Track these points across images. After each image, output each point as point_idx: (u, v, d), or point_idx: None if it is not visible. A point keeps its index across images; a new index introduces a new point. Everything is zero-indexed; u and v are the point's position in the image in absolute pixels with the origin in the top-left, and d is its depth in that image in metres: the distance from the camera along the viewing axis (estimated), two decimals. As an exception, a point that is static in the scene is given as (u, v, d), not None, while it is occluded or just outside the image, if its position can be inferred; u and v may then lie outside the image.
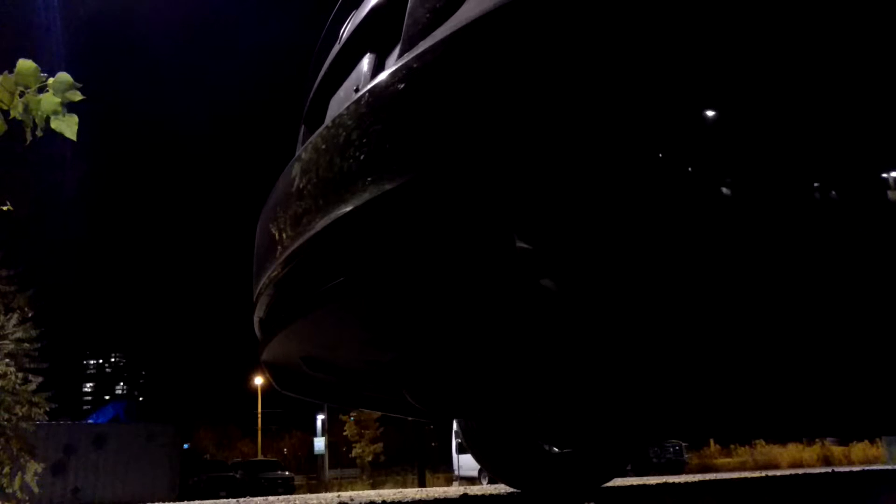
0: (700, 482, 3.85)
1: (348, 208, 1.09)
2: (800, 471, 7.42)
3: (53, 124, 1.44)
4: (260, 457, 29.90)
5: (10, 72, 1.40)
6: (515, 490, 2.93)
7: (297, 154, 1.34)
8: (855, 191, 0.87)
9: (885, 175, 0.85)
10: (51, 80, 1.43)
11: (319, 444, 25.66)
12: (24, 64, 1.40)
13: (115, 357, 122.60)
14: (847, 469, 6.57)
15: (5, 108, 1.40)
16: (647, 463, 14.75)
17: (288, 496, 5.80)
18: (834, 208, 0.87)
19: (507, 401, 1.74)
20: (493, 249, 0.99)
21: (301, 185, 1.25)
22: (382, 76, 1.09)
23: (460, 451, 17.06)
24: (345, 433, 30.03)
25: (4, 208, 1.69)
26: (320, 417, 25.37)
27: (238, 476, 22.04)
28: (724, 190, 0.86)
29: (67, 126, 1.44)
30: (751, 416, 1.62)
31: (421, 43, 1.07)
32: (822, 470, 5.76)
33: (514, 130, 0.90)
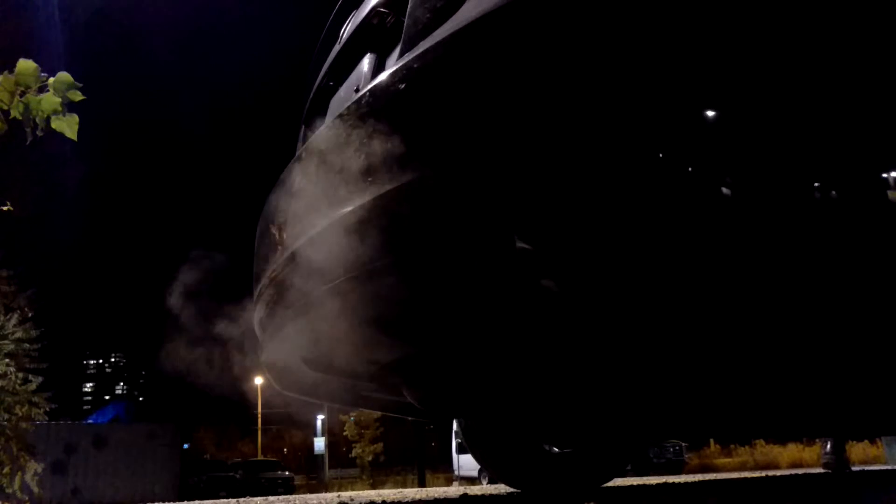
0: (700, 482, 3.85)
1: (348, 208, 1.09)
2: (800, 471, 7.41)
3: (54, 124, 1.44)
4: (260, 457, 29.85)
5: (11, 72, 1.40)
6: (515, 490, 2.92)
7: (297, 154, 1.34)
8: (855, 191, 0.87)
9: (884, 175, 0.85)
10: (51, 79, 1.42)
11: (319, 444, 25.63)
12: (24, 64, 1.40)
13: (115, 357, 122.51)
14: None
15: (5, 108, 1.40)
16: (647, 463, 14.70)
17: (288, 496, 5.80)
18: (834, 208, 0.87)
19: (508, 401, 1.73)
20: (494, 250, 0.99)
21: (301, 185, 1.25)
22: (383, 76, 1.10)
23: (460, 451, 17.01)
24: (345, 433, 29.96)
25: (4, 208, 1.69)
26: (320, 417, 25.34)
27: (238, 476, 22.01)
28: (724, 190, 0.86)
29: (68, 126, 1.44)
30: (751, 416, 1.62)
31: (421, 43, 1.07)
32: (823, 470, 5.76)
33: (514, 131, 0.90)
